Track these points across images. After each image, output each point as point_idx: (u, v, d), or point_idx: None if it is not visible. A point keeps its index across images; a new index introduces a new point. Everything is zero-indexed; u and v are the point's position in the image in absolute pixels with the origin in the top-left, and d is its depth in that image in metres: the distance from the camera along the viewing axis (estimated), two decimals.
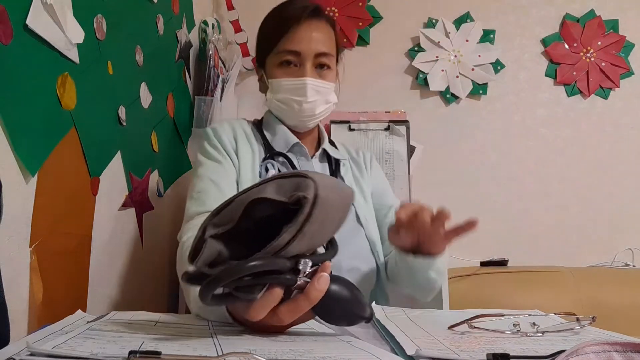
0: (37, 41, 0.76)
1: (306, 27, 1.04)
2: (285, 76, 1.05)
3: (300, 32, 1.04)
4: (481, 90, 2.15)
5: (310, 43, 1.04)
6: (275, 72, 1.07)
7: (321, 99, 1.07)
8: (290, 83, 1.05)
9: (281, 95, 1.06)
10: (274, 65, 1.07)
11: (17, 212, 0.72)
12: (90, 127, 0.93)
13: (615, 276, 1.85)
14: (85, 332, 0.51)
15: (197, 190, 1.01)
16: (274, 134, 1.12)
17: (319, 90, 1.06)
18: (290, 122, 1.11)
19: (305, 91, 1.04)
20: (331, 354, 0.48)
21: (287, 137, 1.11)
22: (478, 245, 1.98)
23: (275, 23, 1.07)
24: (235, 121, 1.16)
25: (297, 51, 1.04)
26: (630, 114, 2.15)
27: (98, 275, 1.00)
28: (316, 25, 1.06)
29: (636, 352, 0.42)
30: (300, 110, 1.06)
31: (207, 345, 0.50)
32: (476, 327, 0.63)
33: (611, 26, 2.17)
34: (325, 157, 1.17)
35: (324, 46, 1.05)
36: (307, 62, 1.04)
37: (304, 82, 1.04)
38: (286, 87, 1.05)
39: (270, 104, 1.10)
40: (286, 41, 1.04)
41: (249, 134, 1.12)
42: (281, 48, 1.05)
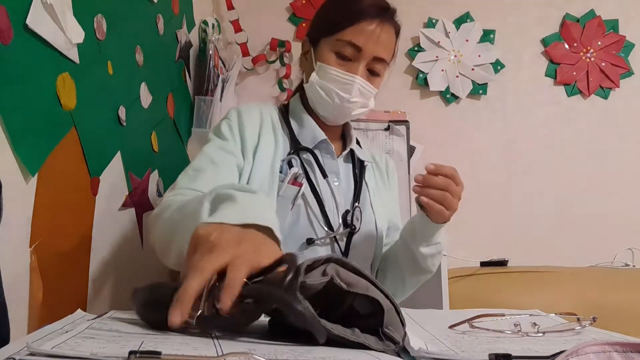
0: (37, 41, 0.76)
1: (377, 27, 0.99)
2: (338, 66, 1.00)
3: (371, 29, 0.99)
4: (481, 90, 2.15)
5: (375, 44, 0.99)
6: (328, 57, 1.01)
7: (362, 102, 1.03)
8: (340, 75, 1.00)
9: (326, 83, 1.01)
10: (330, 49, 1.01)
11: (17, 212, 0.72)
12: (90, 127, 0.93)
13: (615, 276, 1.85)
14: (85, 331, 0.51)
15: (195, 167, 0.97)
16: (302, 126, 1.07)
17: (364, 93, 1.02)
18: (322, 112, 1.06)
19: (352, 89, 1.00)
20: (331, 354, 0.48)
21: (315, 132, 1.06)
22: (478, 245, 1.99)
23: (348, 8, 1.01)
24: (264, 106, 1.11)
25: (359, 47, 0.99)
26: (630, 114, 2.15)
27: (98, 275, 1.00)
28: (386, 29, 1.01)
29: (636, 352, 0.42)
30: (339, 105, 1.02)
31: (207, 345, 0.50)
32: (477, 326, 0.63)
33: (611, 26, 2.17)
34: (350, 157, 1.12)
35: (384, 52, 1.01)
36: (363, 60, 1.00)
37: (353, 79, 0.99)
38: (334, 78, 1.00)
39: (311, 87, 1.03)
40: (353, 32, 0.99)
41: (276, 122, 1.07)
42: (345, 37, 0.99)
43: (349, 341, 0.52)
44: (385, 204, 1.15)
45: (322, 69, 1.01)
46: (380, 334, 0.53)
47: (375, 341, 0.53)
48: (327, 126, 1.09)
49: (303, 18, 2.15)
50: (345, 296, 0.56)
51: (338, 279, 0.54)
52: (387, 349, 0.52)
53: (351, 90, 1.00)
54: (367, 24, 0.99)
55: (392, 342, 0.53)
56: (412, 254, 1.03)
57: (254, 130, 1.03)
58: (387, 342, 0.52)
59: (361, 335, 0.53)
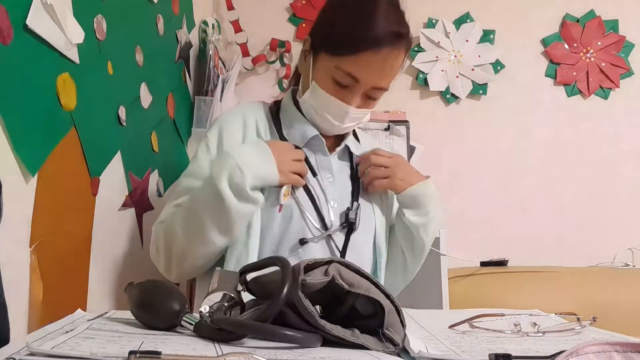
0: (37, 41, 0.76)
1: (382, 58, 0.92)
2: (332, 92, 0.96)
3: (372, 61, 0.92)
4: (481, 91, 2.15)
5: (374, 76, 0.94)
6: (324, 80, 0.96)
7: (354, 124, 1.04)
8: (333, 103, 0.97)
9: (320, 108, 0.99)
10: (327, 72, 0.96)
11: (17, 212, 0.72)
12: (90, 127, 0.93)
13: (615, 276, 1.85)
14: (85, 331, 0.51)
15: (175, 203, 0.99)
16: (290, 126, 1.04)
17: (356, 117, 1.00)
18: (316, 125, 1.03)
19: (344, 118, 0.98)
20: (331, 355, 0.48)
21: (306, 130, 1.03)
22: (478, 245, 1.99)
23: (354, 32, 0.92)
24: (249, 109, 1.07)
25: (358, 78, 0.94)
26: (630, 114, 2.15)
27: (98, 275, 1.00)
28: (392, 56, 0.93)
29: (636, 352, 0.42)
30: (331, 128, 1.02)
31: (207, 345, 0.50)
32: (477, 326, 0.63)
33: (611, 26, 2.17)
34: (346, 153, 1.08)
35: (384, 81, 0.96)
36: (360, 89, 0.96)
37: (347, 110, 0.97)
38: (327, 103, 0.97)
39: (304, 103, 1.02)
40: (353, 64, 0.92)
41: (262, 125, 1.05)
42: (344, 67, 0.93)
43: (349, 342, 0.52)
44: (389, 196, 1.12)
45: (316, 91, 0.98)
46: (380, 335, 0.53)
47: (375, 342, 0.53)
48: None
49: (303, 18, 2.15)
50: (346, 296, 0.56)
51: (340, 279, 0.54)
52: (387, 350, 0.52)
53: (343, 119, 0.98)
54: (371, 54, 0.91)
55: (392, 344, 0.53)
56: (404, 225, 1.05)
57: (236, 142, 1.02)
58: (386, 344, 0.53)
59: (361, 336, 0.53)
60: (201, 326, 0.54)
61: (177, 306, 0.56)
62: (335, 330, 0.52)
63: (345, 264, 0.55)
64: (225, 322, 0.53)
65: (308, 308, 0.52)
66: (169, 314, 0.56)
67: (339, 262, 0.55)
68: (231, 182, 0.87)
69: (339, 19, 0.97)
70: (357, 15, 0.93)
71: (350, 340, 0.52)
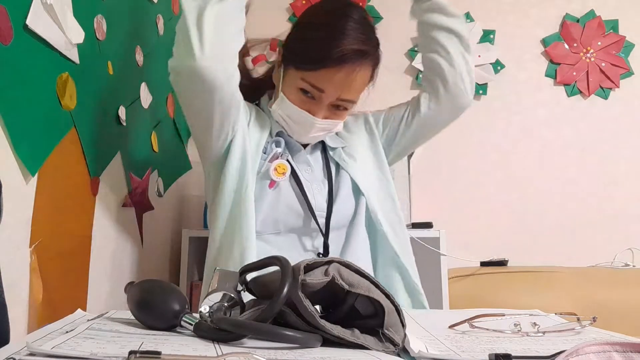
0: (37, 41, 0.76)
1: (346, 72, 0.95)
2: (299, 103, 0.99)
3: (336, 75, 0.95)
4: (481, 91, 2.15)
5: (339, 89, 0.97)
6: (291, 91, 1.00)
7: (324, 133, 1.06)
8: (299, 115, 1.00)
9: (287, 117, 1.02)
10: (294, 84, 0.99)
11: (17, 212, 0.72)
12: (90, 127, 0.93)
13: (615, 276, 1.85)
14: (85, 331, 0.51)
15: None
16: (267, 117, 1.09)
17: (325, 128, 1.03)
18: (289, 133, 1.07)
19: (310, 129, 1.01)
20: (331, 355, 0.48)
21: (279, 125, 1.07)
22: (478, 245, 1.98)
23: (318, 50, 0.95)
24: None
25: (322, 90, 0.97)
26: (630, 114, 2.15)
27: (98, 275, 1.00)
28: (357, 69, 0.97)
29: (636, 352, 0.42)
30: (299, 137, 1.06)
31: (207, 345, 0.50)
32: (477, 326, 0.63)
33: (611, 26, 2.17)
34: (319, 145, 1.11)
35: (351, 94, 1.00)
36: (325, 102, 0.98)
37: (312, 121, 1.00)
38: (294, 114, 1.01)
39: (274, 113, 1.04)
40: (318, 76, 0.96)
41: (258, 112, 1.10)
42: (309, 79, 0.96)
43: (349, 342, 0.52)
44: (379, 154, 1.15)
45: (284, 103, 1.01)
46: (380, 335, 0.53)
47: (375, 342, 0.53)
48: None
49: None
50: (346, 296, 0.56)
51: (340, 279, 0.54)
52: (387, 350, 0.52)
53: (310, 130, 1.02)
54: (334, 70, 0.94)
55: (392, 344, 0.53)
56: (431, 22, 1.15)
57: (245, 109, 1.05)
58: (386, 344, 0.53)
59: (360, 336, 0.53)
60: (201, 326, 0.54)
61: (177, 306, 0.56)
62: (335, 330, 0.52)
63: (346, 264, 0.55)
64: (225, 322, 0.53)
65: (308, 308, 0.52)
66: (169, 314, 0.56)
67: (339, 262, 0.55)
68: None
69: (307, 37, 1.00)
70: (323, 34, 0.96)
71: (350, 340, 0.52)
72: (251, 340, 0.52)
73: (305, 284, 0.53)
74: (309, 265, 0.55)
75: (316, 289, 0.54)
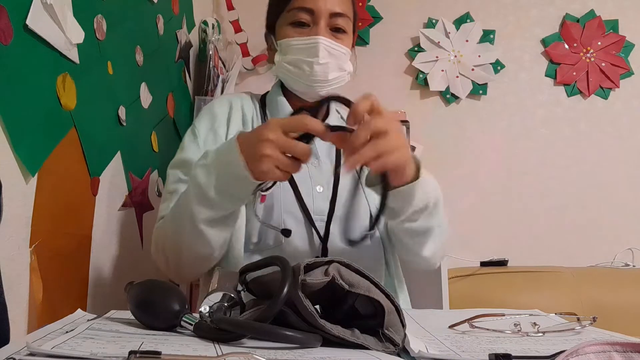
0: (37, 41, 0.76)
1: None
2: (297, 35, 0.96)
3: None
4: (481, 91, 2.15)
5: (325, 1, 0.95)
6: (285, 32, 0.98)
7: (334, 63, 0.97)
8: (301, 42, 0.95)
9: (291, 56, 0.96)
10: (285, 25, 0.98)
11: (17, 212, 0.72)
12: (90, 127, 0.93)
13: (615, 276, 1.85)
14: (85, 332, 0.51)
15: (168, 190, 0.95)
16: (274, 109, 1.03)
17: (333, 53, 0.96)
18: (299, 88, 0.99)
19: (317, 51, 0.94)
20: (331, 355, 0.48)
21: (283, 109, 1.01)
22: (478, 245, 1.98)
23: None
24: (236, 98, 1.06)
25: (310, 9, 0.95)
26: (630, 114, 2.15)
27: (98, 275, 1.00)
28: None
29: (636, 352, 0.42)
30: (311, 72, 0.95)
31: (207, 345, 0.50)
32: (477, 326, 0.63)
33: (611, 26, 2.17)
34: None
35: (339, 6, 0.97)
36: (320, 20, 0.95)
37: (316, 40, 0.94)
38: (297, 47, 0.96)
39: (279, 69, 0.99)
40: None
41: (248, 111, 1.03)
42: (293, 6, 0.96)
43: (349, 342, 0.52)
44: None
45: (283, 45, 0.98)
46: (380, 335, 0.53)
47: (375, 342, 0.53)
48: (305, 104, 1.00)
49: None
50: (346, 296, 0.56)
51: (340, 279, 0.54)
52: (387, 350, 0.52)
53: (317, 51, 0.94)
54: None
55: (392, 344, 0.53)
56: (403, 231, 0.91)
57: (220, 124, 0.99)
58: (386, 344, 0.53)
59: (360, 336, 0.53)
60: (201, 326, 0.54)
61: (177, 306, 0.56)
62: (335, 330, 0.52)
63: (346, 264, 0.55)
64: (225, 322, 0.53)
65: (308, 308, 0.52)
66: (169, 314, 0.56)
67: (339, 262, 0.55)
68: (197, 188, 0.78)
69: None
70: None
71: (350, 340, 0.52)
72: (251, 340, 0.52)
73: (305, 284, 0.53)
74: (309, 265, 0.55)
75: (316, 289, 0.54)
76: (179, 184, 0.94)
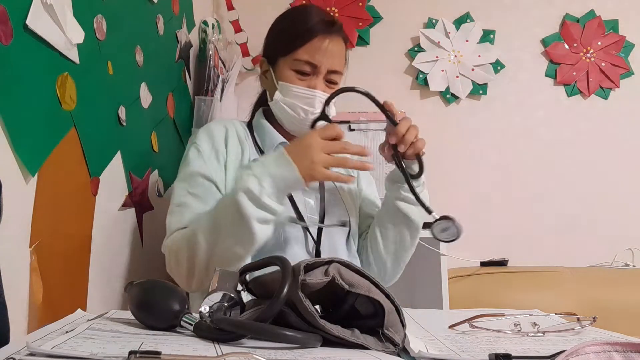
0: (37, 41, 0.76)
1: (329, 42, 1.06)
2: (299, 83, 1.07)
3: (321, 45, 1.06)
4: (481, 91, 2.15)
5: (328, 59, 1.06)
6: (288, 76, 1.08)
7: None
8: (301, 91, 1.06)
9: (290, 100, 1.07)
10: (288, 69, 1.08)
11: (17, 212, 0.72)
12: (90, 127, 0.93)
13: (615, 276, 1.85)
14: (85, 332, 0.51)
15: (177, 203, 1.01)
16: (264, 135, 1.13)
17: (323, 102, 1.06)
18: (289, 127, 1.11)
19: (314, 103, 1.05)
20: (331, 355, 0.48)
21: (274, 137, 1.12)
22: (478, 245, 1.98)
23: (299, 28, 1.08)
24: (228, 122, 1.15)
25: (314, 64, 1.06)
26: (630, 114, 2.15)
27: (98, 275, 1.00)
28: (336, 42, 1.08)
29: (636, 352, 0.42)
30: (305, 119, 1.07)
31: (207, 345, 0.50)
32: (477, 326, 0.63)
33: (611, 26, 2.17)
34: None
35: (338, 64, 1.08)
36: (320, 75, 1.07)
37: (314, 94, 1.06)
38: (296, 94, 1.06)
39: (276, 105, 1.09)
40: (306, 52, 1.06)
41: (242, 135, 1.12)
42: (299, 57, 1.06)
43: (349, 342, 0.52)
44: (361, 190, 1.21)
45: (284, 88, 1.08)
46: (380, 335, 0.53)
47: (375, 342, 0.53)
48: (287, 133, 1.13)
49: None
50: (346, 296, 0.56)
51: (340, 279, 0.54)
52: (387, 350, 0.52)
53: (313, 103, 1.05)
54: (318, 40, 1.05)
55: (392, 344, 0.53)
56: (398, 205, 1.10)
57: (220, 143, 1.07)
58: (386, 344, 0.53)
59: (360, 336, 0.53)
60: (201, 326, 0.54)
61: (177, 306, 0.56)
62: (335, 330, 0.52)
63: (346, 264, 0.55)
64: (225, 322, 0.53)
65: (308, 308, 0.52)
66: (169, 314, 0.56)
67: (339, 262, 0.55)
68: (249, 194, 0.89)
69: (283, 27, 1.13)
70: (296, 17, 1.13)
71: (350, 340, 0.52)
72: (251, 340, 0.52)
73: (305, 284, 0.53)
74: (309, 265, 0.55)
75: (316, 289, 0.54)
76: (188, 197, 1.00)
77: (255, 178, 0.90)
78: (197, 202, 0.99)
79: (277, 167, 0.91)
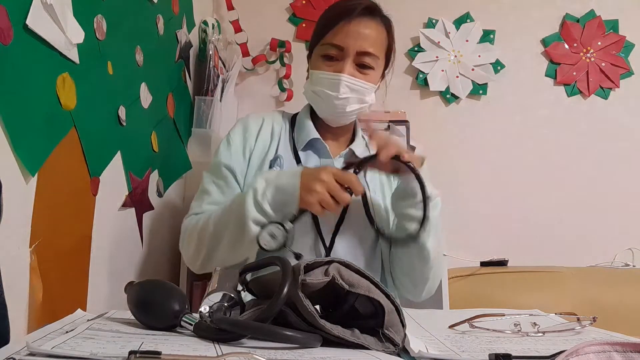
0: (37, 41, 0.76)
1: (356, 24, 1.03)
2: (326, 68, 1.05)
3: (348, 27, 1.03)
4: (481, 91, 2.15)
5: (355, 40, 1.03)
6: (317, 63, 1.07)
7: (355, 97, 1.06)
8: (325, 76, 1.05)
9: (317, 87, 1.06)
10: (317, 56, 1.07)
11: (17, 212, 0.72)
12: (90, 127, 0.93)
13: (615, 276, 1.85)
14: (85, 332, 0.51)
15: (202, 190, 1.10)
16: (301, 130, 1.12)
17: (354, 88, 1.05)
18: (322, 114, 1.10)
19: (338, 87, 1.03)
20: (331, 355, 0.48)
21: (309, 133, 1.10)
22: (478, 245, 1.98)
23: (329, 16, 1.07)
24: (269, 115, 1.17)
25: (340, 46, 1.03)
26: (630, 114, 2.15)
27: (98, 275, 1.00)
28: (367, 24, 1.04)
29: (636, 352, 0.42)
30: (331, 103, 1.05)
31: (207, 345, 0.50)
32: (477, 326, 0.63)
33: (611, 26, 2.17)
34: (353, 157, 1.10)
35: (369, 45, 1.04)
36: (348, 58, 1.03)
37: (338, 77, 1.03)
38: (322, 80, 1.05)
39: (307, 93, 1.10)
40: (332, 35, 1.04)
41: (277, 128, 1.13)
42: (326, 41, 1.05)
43: (348, 342, 0.52)
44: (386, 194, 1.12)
45: (312, 75, 1.09)
46: (380, 335, 0.53)
47: (375, 342, 0.53)
48: (329, 128, 1.12)
49: (303, 18, 2.14)
50: (347, 296, 0.56)
51: (340, 279, 0.54)
52: (387, 350, 0.52)
53: (338, 87, 1.03)
54: (345, 23, 1.03)
55: (392, 344, 0.53)
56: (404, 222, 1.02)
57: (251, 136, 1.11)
58: (386, 344, 0.53)
59: (360, 336, 0.53)
60: (201, 326, 0.54)
61: (177, 306, 0.56)
62: (335, 330, 0.52)
63: (346, 264, 0.55)
64: (225, 322, 0.53)
65: (308, 308, 0.52)
66: (169, 314, 0.56)
67: (339, 262, 0.55)
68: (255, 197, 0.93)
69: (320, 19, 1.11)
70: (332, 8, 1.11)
71: (350, 340, 0.52)
72: (251, 340, 0.52)
73: (305, 284, 0.53)
74: (309, 265, 0.55)
75: (316, 289, 0.54)
76: (211, 185, 1.08)
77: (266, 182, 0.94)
78: (218, 191, 1.07)
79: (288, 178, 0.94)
